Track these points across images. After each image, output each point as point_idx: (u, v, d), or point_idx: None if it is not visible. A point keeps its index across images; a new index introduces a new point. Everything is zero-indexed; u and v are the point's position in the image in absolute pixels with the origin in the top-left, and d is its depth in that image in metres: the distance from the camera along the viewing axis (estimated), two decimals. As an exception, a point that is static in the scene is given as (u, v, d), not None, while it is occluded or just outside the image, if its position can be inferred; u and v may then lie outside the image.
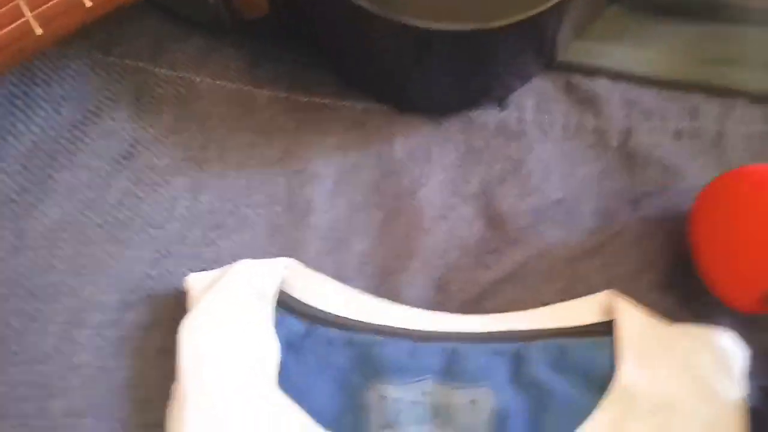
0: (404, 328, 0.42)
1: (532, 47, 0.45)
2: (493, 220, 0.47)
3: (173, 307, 0.42)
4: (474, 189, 0.47)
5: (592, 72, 0.49)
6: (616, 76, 0.49)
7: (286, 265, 0.42)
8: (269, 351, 0.40)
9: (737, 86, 0.49)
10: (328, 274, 0.44)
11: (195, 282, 0.41)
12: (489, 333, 0.42)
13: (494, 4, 0.39)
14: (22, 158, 0.44)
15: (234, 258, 0.43)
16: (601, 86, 0.49)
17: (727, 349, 0.40)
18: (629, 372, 0.40)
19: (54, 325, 0.40)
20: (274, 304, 0.41)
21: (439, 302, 0.44)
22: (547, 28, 0.43)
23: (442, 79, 0.46)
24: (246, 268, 0.41)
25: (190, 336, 0.39)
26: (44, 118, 0.45)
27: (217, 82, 0.48)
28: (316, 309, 0.42)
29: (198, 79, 0.48)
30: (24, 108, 0.45)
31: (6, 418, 0.38)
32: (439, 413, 0.40)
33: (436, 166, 0.48)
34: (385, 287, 0.44)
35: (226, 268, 0.41)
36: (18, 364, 0.39)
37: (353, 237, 0.46)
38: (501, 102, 0.49)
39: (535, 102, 0.49)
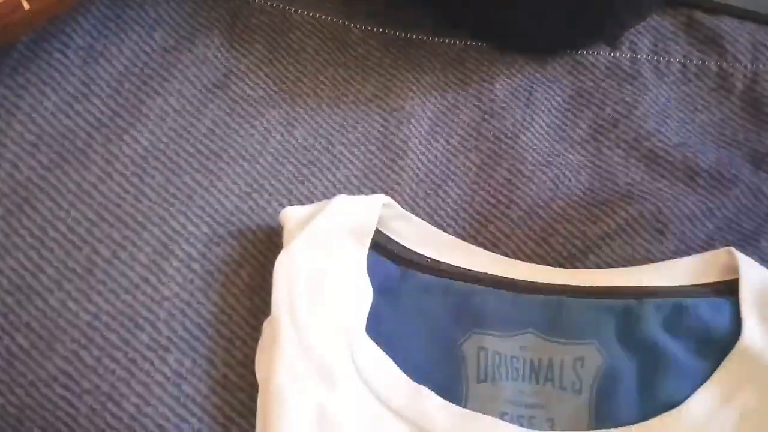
0: (506, 278, 0.39)
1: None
2: (603, 169, 0.44)
3: (263, 243, 0.40)
4: (582, 134, 0.44)
5: (716, 9, 0.46)
6: (744, 14, 0.46)
7: (384, 203, 0.40)
8: (361, 295, 0.37)
9: None
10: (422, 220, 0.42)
11: (291, 215, 0.39)
12: (597, 287, 0.39)
13: None
14: (113, 82, 0.43)
15: (326, 196, 0.41)
16: (726, 25, 0.46)
17: None
18: (753, 335, 0.37)
19: (142, 255, 0.39)
20: (370, 245, 0.38)
21: (540, 255, 0.42)
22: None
23: (548, 14, 0.43)
24: (344, 204, 0.39)
25: (287, 271, 0.37)
26: (136, 42, 0.44)
27: (312, 14, 0.47)
28: (412, 252, 0.40)
29: (292, 10, 0.47)
30: (116, 31, 0.44)
31: (89, 348, 0.36)
32: (541, 369, 0.37)
33: (540, 109, 0.45)
34: (481, 236, 0.42)
35: (324, 203, 0.39)
36: (104, 293, 0.38)
37: (449, 181, 0.43)
38: (612, 42, 0.46)
39: (651, 41, 0.46)
